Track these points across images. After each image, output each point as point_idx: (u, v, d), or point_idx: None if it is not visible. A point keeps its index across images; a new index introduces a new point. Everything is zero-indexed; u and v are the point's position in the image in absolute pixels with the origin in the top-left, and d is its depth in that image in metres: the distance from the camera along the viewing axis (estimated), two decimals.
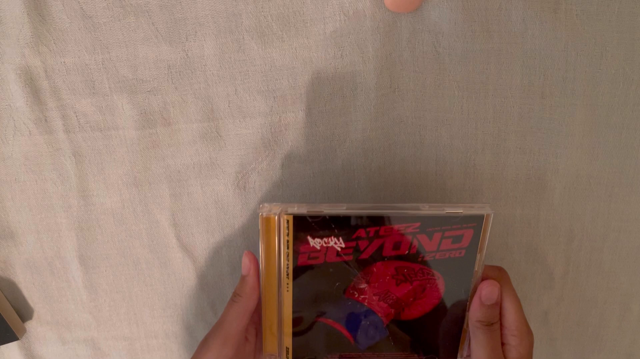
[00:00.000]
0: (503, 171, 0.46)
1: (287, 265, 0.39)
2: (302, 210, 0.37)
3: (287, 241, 0.38)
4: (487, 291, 0.38)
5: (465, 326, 0.41)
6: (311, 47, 0.41)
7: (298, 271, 0.39)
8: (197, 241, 0.47)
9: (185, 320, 0.51)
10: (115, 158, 0.44)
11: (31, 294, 0.49)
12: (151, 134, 0.44)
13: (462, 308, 0.40)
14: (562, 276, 0.50)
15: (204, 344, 0.40)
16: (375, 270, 0.39)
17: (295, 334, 0.41)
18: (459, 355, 0.42)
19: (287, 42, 0.41)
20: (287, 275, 0.39)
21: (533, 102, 0.43)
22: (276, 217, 0.37)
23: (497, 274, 0.40)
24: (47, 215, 0.46)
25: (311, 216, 0.37)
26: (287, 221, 0.37)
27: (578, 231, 0.48)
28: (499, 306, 0.39)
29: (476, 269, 0.38)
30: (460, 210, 0.37)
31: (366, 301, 0.40)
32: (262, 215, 0.37)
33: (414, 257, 0.38)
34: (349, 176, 0.46)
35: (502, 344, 0.39)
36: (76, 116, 0.43)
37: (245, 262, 0.41)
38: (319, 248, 0.38)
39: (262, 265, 0.39)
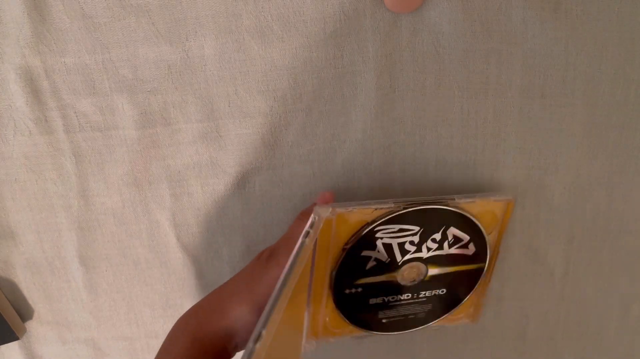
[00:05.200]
0: (503, 171, 0.46)
1: None
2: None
3: None
4: None
5: None
6: (311, 47, 0.41)
7: None
8: (197, 241, 0.48)
9: None
10: (116, 158, 0.44)
11: (31, 294, 0.49)
12: (151, 134, 0.44)
13: None
14: (562, 276, 0.50)
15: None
16: None
17: None
18: None
19: (287, 42, 0.41)
20: None
21: (533, 102, 0.43)
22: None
23: None
24: (47, 214, 0.46)
25: None
26: None
27: (578, 231, 0.48)
28: None
29: None
30: None
31: None
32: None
33: None
34: (349, 176, 0.46)
35: None
36: (76, 116, 0.43)
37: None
38: None
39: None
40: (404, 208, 0.42)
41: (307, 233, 0.36)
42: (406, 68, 0.43)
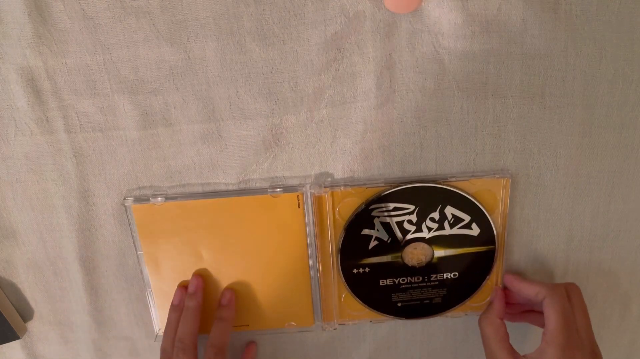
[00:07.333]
0: (503, 171, 0.46)
1: None
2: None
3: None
4: None
5: None
6: (312, 49, 0.41)
7: None
8: None
9: None
10: (117, 159, 0.44)
11: (34, 294, 0.49)
12: (152, 135, 0.44)
13: None
14: (562, 276, 0.50)
15: None
16: None
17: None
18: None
19: (288, 44, 0.41)
20: None
21: (533, 102, 0.43)
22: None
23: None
24: (49, 215, 0.46)
25: None
26: None
27: (578, 231, 0.48)
28: None
29: None
30: None
31: None
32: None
33: None
34: (349, 177, 0.46)
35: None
36: (77, 116, 0.43)
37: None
38: None
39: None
40: (396, 187, 0.44)
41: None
42: (406, 68, 0.43)
